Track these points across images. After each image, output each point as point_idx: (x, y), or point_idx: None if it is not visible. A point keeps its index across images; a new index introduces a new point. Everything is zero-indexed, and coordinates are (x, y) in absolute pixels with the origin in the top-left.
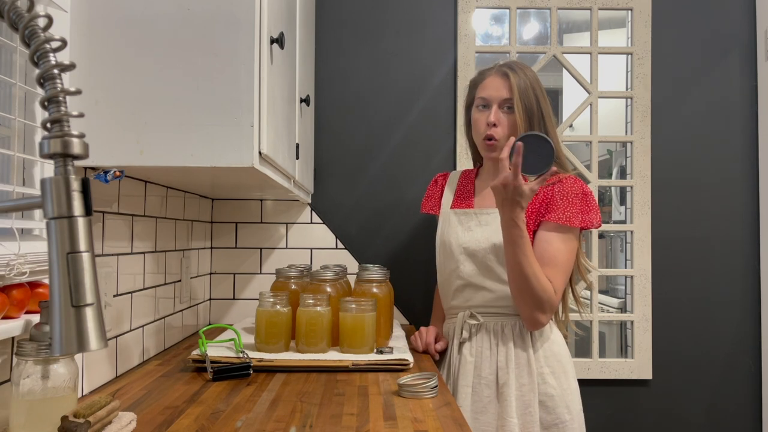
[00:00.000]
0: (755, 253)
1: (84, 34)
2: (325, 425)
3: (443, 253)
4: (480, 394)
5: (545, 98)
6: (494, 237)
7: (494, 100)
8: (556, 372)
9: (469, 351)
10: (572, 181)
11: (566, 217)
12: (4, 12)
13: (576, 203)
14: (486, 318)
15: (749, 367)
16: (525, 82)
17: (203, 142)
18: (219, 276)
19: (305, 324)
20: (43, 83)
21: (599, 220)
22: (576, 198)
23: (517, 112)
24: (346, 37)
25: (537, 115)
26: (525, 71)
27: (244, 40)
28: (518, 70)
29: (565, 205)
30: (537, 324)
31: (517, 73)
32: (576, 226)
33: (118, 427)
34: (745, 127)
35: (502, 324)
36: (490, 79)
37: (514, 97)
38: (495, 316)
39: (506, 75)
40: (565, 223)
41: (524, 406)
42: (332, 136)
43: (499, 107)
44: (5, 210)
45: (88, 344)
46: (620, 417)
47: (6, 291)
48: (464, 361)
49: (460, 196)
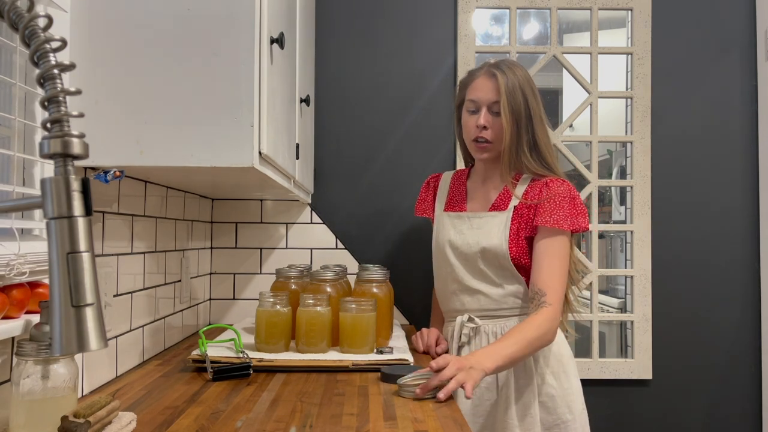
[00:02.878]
0: (755, 253)
1: (84, 34)
2: (325, 425)
3: (438, 257)
4: (480, 397)
5: (536, 97)
6: (484, 240)
7: (483, 102)
8: (556, 372)
9: None
10: (558, 184)
11: (554, 219)
12: (4, 12)
13: (564, 206)
14: (484, 321)
15: (749, 367)
16: (513, 83)
17: (203, 142)
18: (219, 276)
19: (305, 324)
20: (43, 83)
21: (587, 223)
22: (564, 201)
23: (503, 114)
24: (346, 37)
25: (524, 116)
26: (515, 70)
27: (244, 40)
28: (506, 69)
29: (553, 208)
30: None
31: (505, 74)
32: (566, 229)
33: (118, 427)
34: (745, 127)
35: (501, 326)
36: (479, 81)
37: (501, 99)
38: (493, 319)
39: (494, 76)
40: (553, 225)
41: (524, 408)
42: (332, 136)
43: (489, 109)
44: (5, 210)
45: (88, 344)
46: (620, 417)
47: (6, 291)
48: None
49: (453, 198)
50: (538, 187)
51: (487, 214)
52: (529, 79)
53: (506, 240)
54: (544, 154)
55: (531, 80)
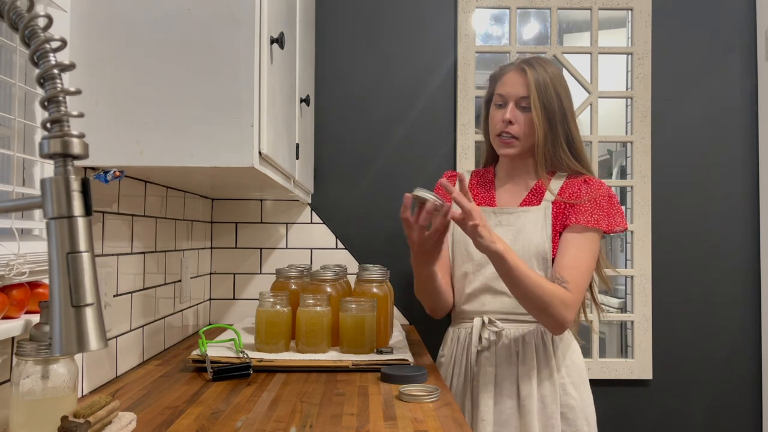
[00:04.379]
0: (755, 253)
1: (84, 34)
2: (325, 425)
3: (459, 254)
4: (502, 406)
5: (568, 96)
6: (522, 237)
7: (511, 97)
8: (576, 383)
9: (489, 361)
10: (599, 184)
11: (594, 219)
12: (4, 12)
13: (603, 206)
14: (506, 325)
15: (749, 367)
16: (544, 79)
17: (203, 142)
18: (219, 276)
19: (305, 324)
20: (43, 83)
21: (624, 224)
22: (603, 200)
23: (534, 110)
24: (346, 37)
25: (558, 112)
26: (546, 67)
27: (244, 40)
28: (537, 66)
29: (593, 207)
30: (562, 326)
31: (535, 69)
32: (602, 229)
33: (118, 427)
34: (745, 127)
35: (522, 332)
36: (509, 75)
37: (531, 95)
38: (515, 323)
39: (524, 71)
40: (593, 226)
41: (546, 418)
42: (332, 136)
43: (516, 105)
44: (5, 210)
45: (88, 344)
46: (620, 417)
47: (6, 291)
48: (484, 372)
49: (477, 195)
50: (577, 185)
51: (518, 209)
52: (561, 77)
53: (549, 238)
54: (579, 151)
55: (563, 78)
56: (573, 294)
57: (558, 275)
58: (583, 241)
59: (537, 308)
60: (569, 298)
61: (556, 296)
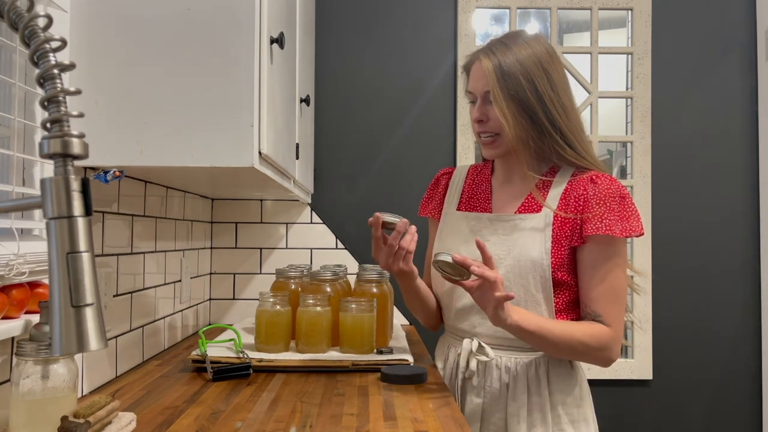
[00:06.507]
0: (755, 253)
1: (84, 34)
2: (325, 425)
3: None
4: None
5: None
6: (517, 250)
7: (477, 92)
8: (576, 420)
9: (476, 392)
10: (608, 182)
11: (606, 225)
12: (4, 12)
13: (614, 208)
14: (497, 352)
15: (749, 367)
16: (507, 65)
17: (203, 142)
18: (219, 276)
19: (305, 324)
20: (43, 83)
21: (641, 229)
22: (613, 201)
23: (495, 104)
24: (346, 37)
25: (535, 100)
26: (512, 49)
27: (244, 40)
28: (499, 51)
29: (603, 210)
30: (609, 363)
31: (495, 55)
32: (617, 236)
33: (118, 427)
34: (745, 127)
35: (515, 361)
36: (474, 67)
37: (491, 87)
38: (507, 350)
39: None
40: (606, 233)
41: None
42: (332, 136)
43: (484, 100)
44: (5, 210)
45: (88, 344)
46: (620, 417)
47: (6, 291)
48: (470, 402)
49: (472, 196)
50: (582, 185)
51: (515, 217)
52: (539, 55)
53: (548, 252)
54: (576, 140)
55: (542, 56)
56: (612, 327)
57: (590, 310)
58: (607, 261)
59: (576, 357)
60: (608, 334)
61: (593, 338)
